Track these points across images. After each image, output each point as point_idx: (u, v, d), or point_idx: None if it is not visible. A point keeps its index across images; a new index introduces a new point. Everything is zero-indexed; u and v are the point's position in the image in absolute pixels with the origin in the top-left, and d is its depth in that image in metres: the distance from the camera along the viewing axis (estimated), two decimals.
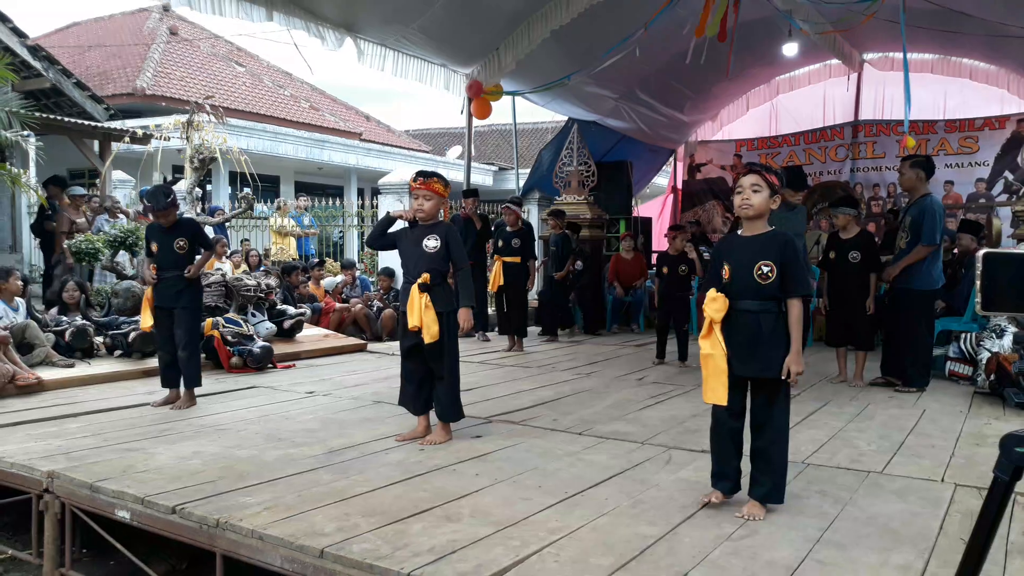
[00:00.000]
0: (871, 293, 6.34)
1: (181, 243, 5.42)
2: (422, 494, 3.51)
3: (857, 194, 12.39)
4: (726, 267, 3.37)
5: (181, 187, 7.99)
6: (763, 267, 3.27)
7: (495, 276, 8.55)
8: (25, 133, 8.81)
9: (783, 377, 3.26)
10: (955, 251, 8.25)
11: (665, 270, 7.80)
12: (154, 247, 5.47)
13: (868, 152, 12.66)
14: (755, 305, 3.29)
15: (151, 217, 5.60)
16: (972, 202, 11.80)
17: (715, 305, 3.32)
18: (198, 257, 5.54)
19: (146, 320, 5.52)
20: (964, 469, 4.02)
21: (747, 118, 14.03)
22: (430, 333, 4.36)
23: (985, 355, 6.09)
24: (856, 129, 12.83)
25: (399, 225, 4.67)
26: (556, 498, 3.47)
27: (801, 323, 3.30)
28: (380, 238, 4.70)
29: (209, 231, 6.28)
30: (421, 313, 4.37)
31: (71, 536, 3.67)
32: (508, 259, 8.51)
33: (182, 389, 5.45)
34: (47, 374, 5.99)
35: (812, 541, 3.01)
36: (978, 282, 1.63)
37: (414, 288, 4.40)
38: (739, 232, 3.47)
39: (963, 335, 6.59)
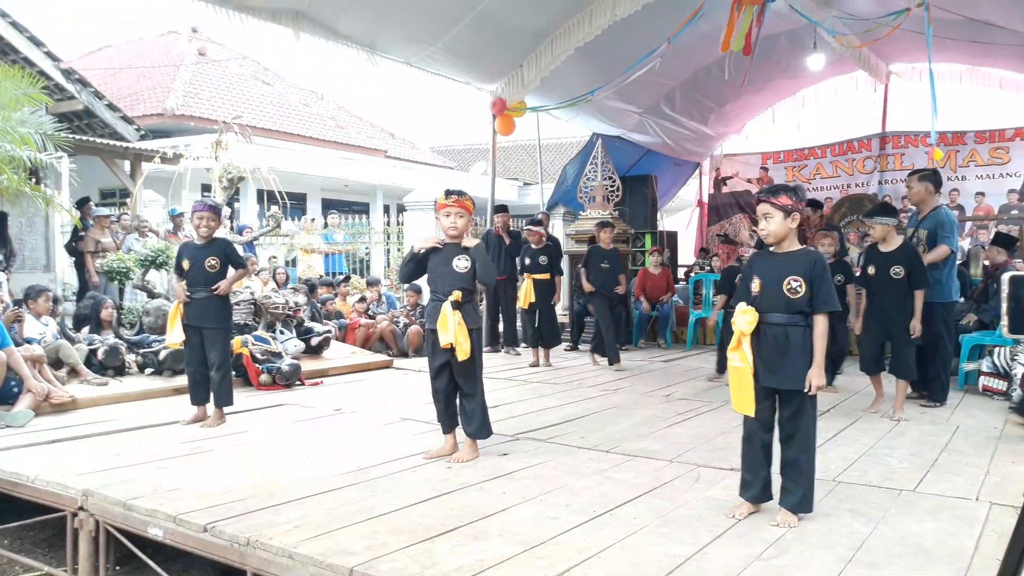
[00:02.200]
0: (916, 314, 5.52)
1: (212, 262, 5.41)
2: (450, 512, 3.52)
3: None
4: (756, 281, 3.49)
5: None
6: (792, 283, 3.39)
7: (526, 293, 8.56)
8: (58, 155, 8.98)
9: (806, 390, 3.36)
10: (986, 262, 8.14)
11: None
12: (185, 264, 5.44)
13: (896, 164, 12.54)
14: (783, 319, 3.42)
15: (179, 235, 5.64)
16: (1004, 213, 11.63)
17: (747, 318, 3.44)
18: (231, 272, 5.52)
19: (174, 336, 5.46)
20: (1000, 487, 3.95)
21: (773, 131, 13.99)
22: (463, 350, 4.38)
23: (1020, 370, 5.98)
24: (884, 141, 12.73)
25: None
26: (584, 517, 3.46)
27: (825, 337, 3.42)
28: (413, 274, 4.70)
29: (239, 249, 6.33)
30: (455, 330, 4.38)
31: (105, 553, 3.72)
32: (537, 276, 8.54)
33: (211, 407, 5.49)
34: (80, 392, 6.09)
35: (844, 561, 2.97)
36: (1003, 305, 1.61)
37: (446, 305, 4.41)
38: (771, 249, 3.57)
39: (996, 350, 6.48)
